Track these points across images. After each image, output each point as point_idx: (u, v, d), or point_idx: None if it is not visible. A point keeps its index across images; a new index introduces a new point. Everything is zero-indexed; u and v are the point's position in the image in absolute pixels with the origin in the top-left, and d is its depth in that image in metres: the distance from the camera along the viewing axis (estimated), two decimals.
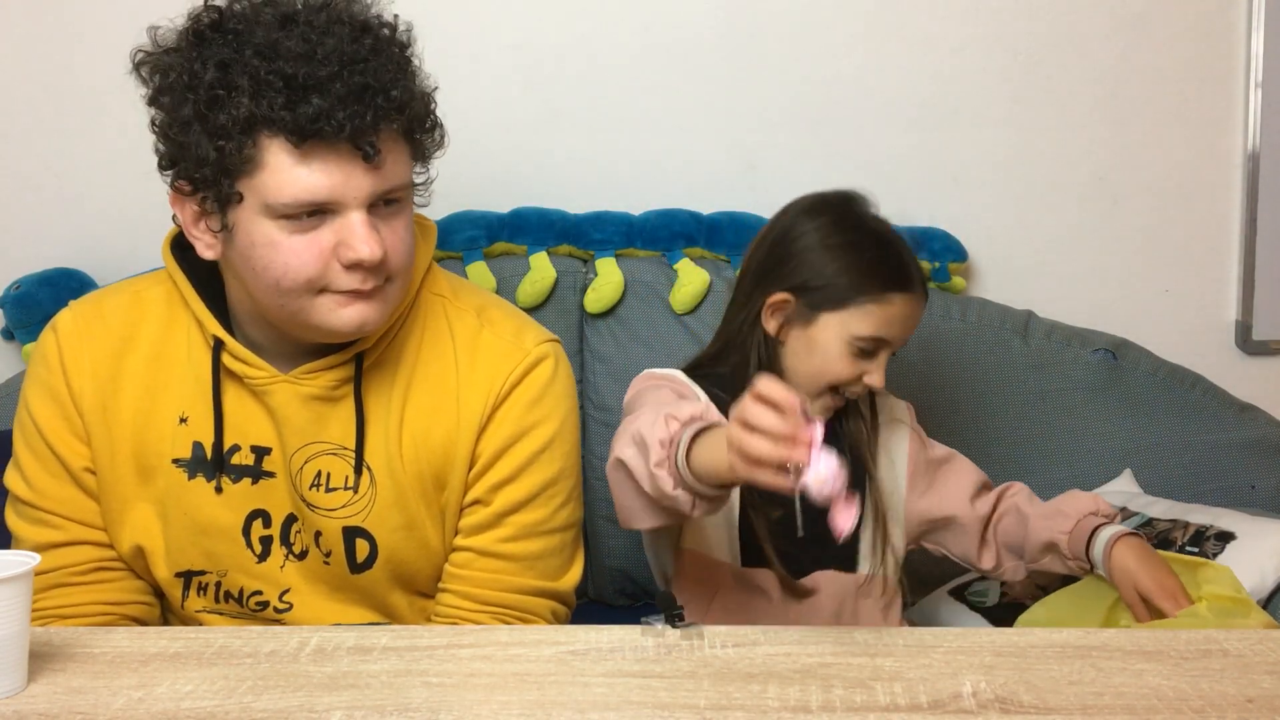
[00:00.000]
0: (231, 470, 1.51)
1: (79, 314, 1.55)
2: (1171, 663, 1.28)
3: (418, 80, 1.47)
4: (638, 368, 2.19)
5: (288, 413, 1.50)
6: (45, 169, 2.30)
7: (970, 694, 1.21)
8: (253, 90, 1.36)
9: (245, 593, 1.55)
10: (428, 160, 1.52)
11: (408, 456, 1.52)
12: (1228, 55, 2.32)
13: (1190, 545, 1.94)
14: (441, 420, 1.53)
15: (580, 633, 1.36)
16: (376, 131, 1.39)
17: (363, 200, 1.40)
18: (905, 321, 1.73)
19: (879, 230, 1.75)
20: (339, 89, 1.36)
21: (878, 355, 1.72)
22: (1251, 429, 2.19)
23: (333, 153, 1.38)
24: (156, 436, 1.52)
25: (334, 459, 1.51)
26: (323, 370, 1.50)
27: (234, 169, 1.38)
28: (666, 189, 2.30)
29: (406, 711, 1.18)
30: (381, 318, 1.46)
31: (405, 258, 1.47)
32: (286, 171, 1.38)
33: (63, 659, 1.29)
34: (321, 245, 1.40)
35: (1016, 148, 2.33)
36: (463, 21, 2.28)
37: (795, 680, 1.24)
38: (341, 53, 1.38)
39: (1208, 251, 2.37)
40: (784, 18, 2.30)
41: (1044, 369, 2.20)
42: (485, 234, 2.24)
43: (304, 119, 1.35)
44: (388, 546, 1.53)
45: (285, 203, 1.39)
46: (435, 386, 1.54)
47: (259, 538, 1.53)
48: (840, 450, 1.63)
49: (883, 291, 1.70)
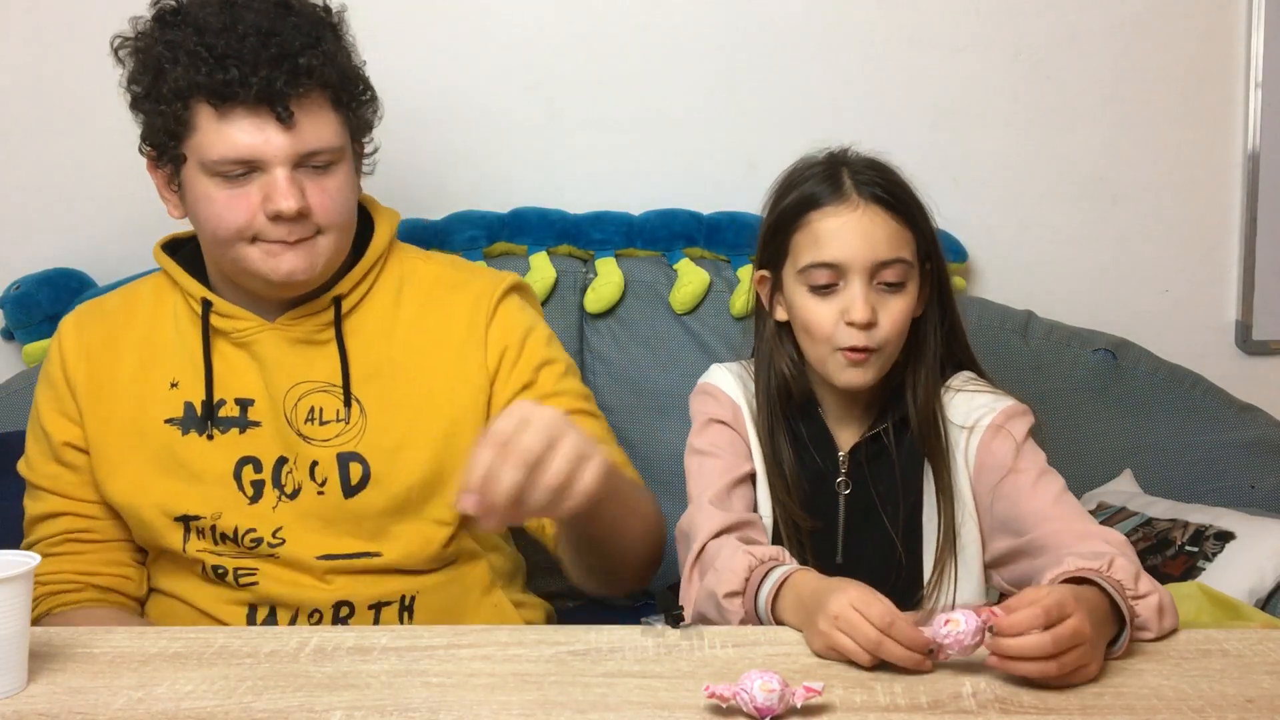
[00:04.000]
0: (220, 422, 1.67)
1: (81, 312, 1.78)
2: (1171, 663, 1.28)
3: (342, 54, 1.65)
4: (638, 368, 2.21)
5: (276, 356, 1.67)
6: (45, 169, 2.30)
7: (970, 694, 1.21)
8: (186, 62, 1.57)
9: (240, 531, 1.66)
10: (362, 130, 1.70)
11: (404, 393, 1.68)
12: (1228, 55, 2.31)
13: (1190, 545, 1.94)
14: (438, 362, 1.69)
15: (580, 633, 1.36)
16: (291, 96, 1.57)
17: (283, 159, 1.58)
18: (844, 235, 1.56)
19: (802, 169, 1.63)
20: (251, 57, 1.55)
21: (844, 286, 1.56)
22: (1251, 429, 2.19)
23: (251, 115, 1.57)
24: (150, 402, 1.69)
25: (324, 395, 1.67)
26: (305, 316, 1.68)
27: (178, 132, 1.59)
28: (666, 189, 2.30)
29: (406, 711, 1.18)
30: (313, 268, 1.63)
31: (335, 215, 1.63)
32: (214, 132, 1.58)
33: (63, 659, 1.29)
34: (250, 198, 1.59)
35: (1016, 148, 2.33)
36: (463, 21, 2.28)
37: (795, 680, 1.24)
38: (259, 26, 1.57)
39: (1208, 251, 2.37)
40: (784, 18, 2.29)
41: (1044, 369, 2.20)
42: (485, 234, 2.23)
43: (219, 84, 1.56)
44: (379, 468, 1.66)
45: (214, 159, 1.58)
46: (423, 328, 1.71)
47: (250, 481, 1.66)
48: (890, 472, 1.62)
49: (798, 216, 1.59)
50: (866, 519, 1.63)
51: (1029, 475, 1.57)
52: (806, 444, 1.65)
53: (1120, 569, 1.34)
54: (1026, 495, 1.55)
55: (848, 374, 1.59)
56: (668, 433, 2.11)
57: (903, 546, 1.62)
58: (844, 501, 1.64)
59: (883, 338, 1.57)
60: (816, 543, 1.62)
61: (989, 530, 1.60)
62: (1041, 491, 1.55)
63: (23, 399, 2.11)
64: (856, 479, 1.64)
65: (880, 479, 1.63)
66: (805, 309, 1.59)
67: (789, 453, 1.63)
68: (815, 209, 1.58)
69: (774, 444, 1.63)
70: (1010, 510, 1.56)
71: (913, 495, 1.63)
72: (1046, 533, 1.50)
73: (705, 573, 1.50)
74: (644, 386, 2.19)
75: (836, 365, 1.59)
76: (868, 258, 1.56)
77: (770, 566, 1.43)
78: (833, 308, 1.57)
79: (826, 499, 1.64)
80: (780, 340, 1.66)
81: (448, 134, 2.28)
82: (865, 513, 1.63)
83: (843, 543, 1.64)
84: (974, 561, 1.60)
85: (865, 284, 1.56)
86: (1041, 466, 1.58)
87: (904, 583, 1.60)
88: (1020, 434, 1.60)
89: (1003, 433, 1.60)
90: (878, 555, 1.62)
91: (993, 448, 1.59)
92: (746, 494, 1.62)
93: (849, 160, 1.62)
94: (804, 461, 1.64)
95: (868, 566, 1.59)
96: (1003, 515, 1.57)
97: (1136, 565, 1.38)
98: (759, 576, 1.42)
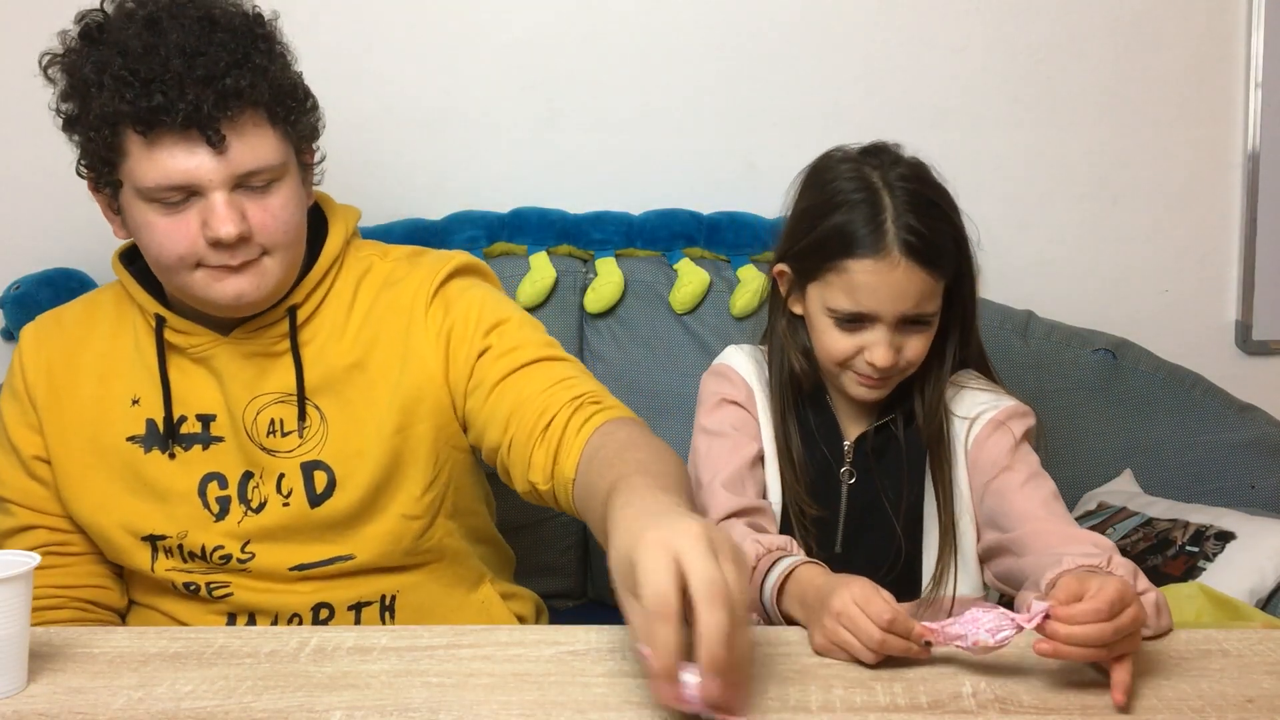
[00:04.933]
0: (182, 439, 1.63)
1: (39, 324, 1.73)
2: (1171, 663, 1.28)
3: (276, 66, 1.55)
4: (638, 368, 2.21)
5: (233, 370, 1.62)
6: (45, 169, 2.29)
7: (970, 694, 1.21)
8: (111, 87, 1.48)
9: (208, 549, 1.63)
10: (305, 141, 1.62)
11: (364, 391, 1.63)
12: (1228, 55, 2.31)
13: (1190, 545, 1.94)
14: (388, 335, 1.64)
15: (580, 633, 1.36)
16: (221, 119, 1.48)
17: (219, 183, 1.50)
18: (879, 291, 1.54)
19: (846, 187, 1.58)
20: (175, 81, 1.47)
21: (869, 328, 1.56)
22: (1251, 429, 2.19)
23: (181, 139, 1.49)
24: (111, 420, 1.64)
25: (283, 406, 1.63)
26: (260, 329, 1.62)
27: (110, 159, 1.52)
28: (666, 189, 2.30)
29: (406, 711, 1.18)
30: (260, 289, 1.56)
31: (280, 235, 1.56)
32: (145, 159, 1.50)
33: (63, 659, 1.29)
34: (189, 224, 1.52)
35: (1016, 148, 2.33)
36: (462, 21, 2.28)
37: (795, 680, 1.24)
38: (183, 46, 1.48)
39: (1208, 251, 2.37)
40: (784, 18, 2.29)
41: (1044, 369, 2.20)
42: (485, 234, 2.23)
43: (145, 111, 1.47)
44: (342, 471, 1.62)
45: (148, 187, 1.51)
46: (378, 322, 1.65)
47: (215, 498, 1.63)
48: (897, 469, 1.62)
49: (836, 259, 1.55)
50: (869, 509, 1.64)
51: (1020, 475, 1.58)
52: (814, 432, 1.66)
53: (1120, 566, 1.35)
54: (1015, 493, 1.56)
55: (860, 390, 1.61)
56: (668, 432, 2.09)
57: (904, 538, 1.62)
58: (848, 491, 1.65)
59: (902, 366, 1.60)
60: (819, 530, 1.62)
61: (979, 524, 1.61)
62: (1030, 492, 1.56)
63: None
64: (861, 469, 1.65)
65: (884, 470, 1.64)
66: (825, 333, 1.60)
67: (798, 439, 1.64)
68: (852, 256, 1.55)
69: (785, 430, 1.64)
70: (998, 506, 1.57)
71: (916, 488, 1.63)
72: (1031, 533, 1.51)
73: None
74: (644, 386, 2.19)
75: (849, 381, 1.61)
76: (898, 310, 1.56)
77: (777, 557, 1.43)
78: (854, 341, 1.58)
79: (830, 488, 1.65)
80: (794, 333, 1.66)
81: (448, 134, 2.28)
82: (868, 503, 1.64)
83: (843, 532, 1.65)
84: (972, 556, 1.62)
85: (890, 329, 1.57)
86: (1034, 468, 1.59)
87: (903, 574, 1.61)
88: (1018, 433, 1.61)
89: (1002, 429, 1.61)
90: (878, 546, 1.63)
91: (990, 443, 1.61)
92: (758, 476, 1.63)
93: (893, 186, 1.56)
94: (810, 450, 1.65)
95: (867, 556, 1.61)
96: (990, 510, 1.59)
97: (1131, 564, 1.39)
98: (765, 566, 1.42)
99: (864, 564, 1.42)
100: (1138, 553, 1.95)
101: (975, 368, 1.70)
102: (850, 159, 1.62)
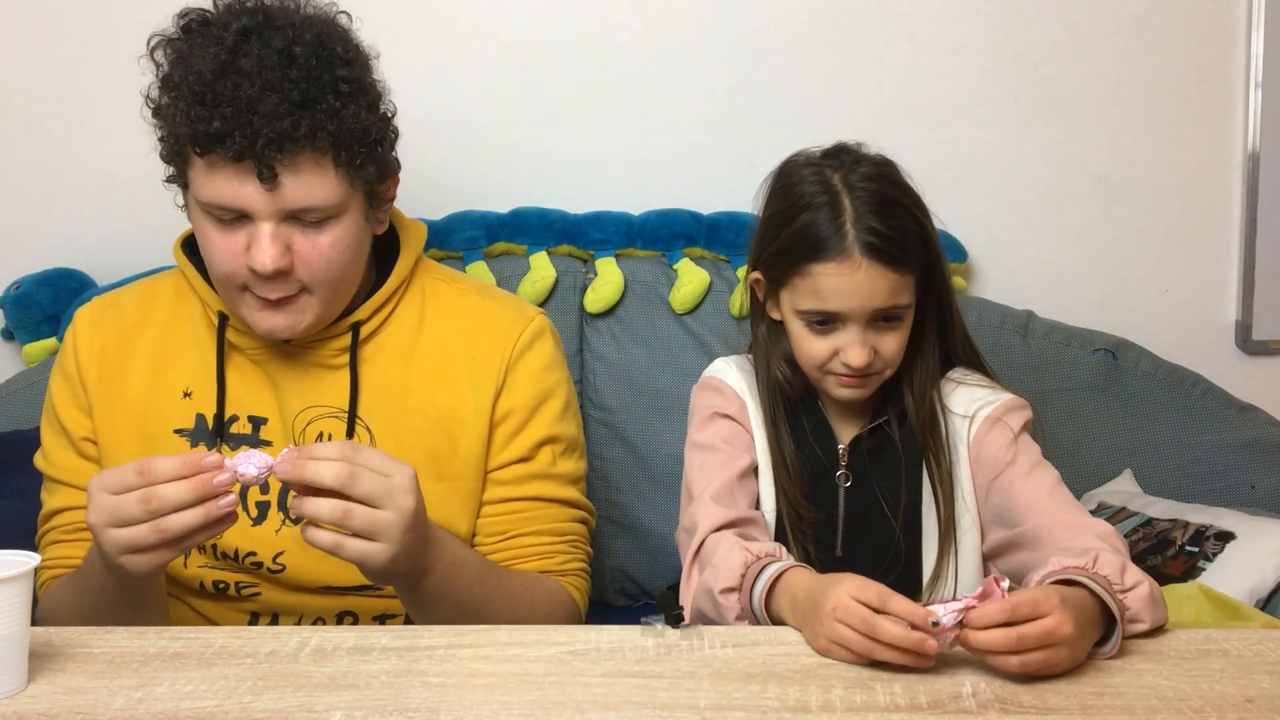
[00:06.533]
0: (230, 439, 1.62)
1: (96, 306, 1.71)
2: (1171, 663, 1.28)
3: (350, 110, 1.49)
4: (638, 368, 2.21)
5: (290, 378, 1.62)
6: (45, 169, 2.30)
7: (970, 694, 1.21)
8: (181, 102, 1.47)
9: (240, 553, 1.62)
10: (378, 179, 1.56)
11: (414, 417, 1.62)
12: (1228, 55, 2.32)
13: (1190, 545, 1.94)
14: (452, 385, 1.63)
15: (580, 633, 1.36)
16: (275, 158, 1.45)
17: (267, 215, 1.48)
18: (844, 292, 1.55)
19: (808, 190, 1.59)
20: (234, 113, 1.44)
21: (841, 329, 1.57)
22: (1251, 429, 2.19)
23: (235, 167, 1.46)
24: (160, 409, 1.63)
25: (335, 421, 1.62)
26: (321, 341, 1.61)
27: (179, 162, 1.52)
28: (666, 189, 2.30)
29: (406, 711, 1.18)
30: (295, 327, 1.55)
31: (323, 273, 1.53)
32: (202, 175, 1.49)
33: (63, 659, 1.29)
34: (237, 245, 1.51)
35: (1016, 148, 2.33)
36: (463, 22, 2.28)
37: (795, 680, 1.24)
38: (254, 76, 1.45)
39: (1208, 251, 2.37)
40: (784, 18, 2.29)
41: (1044, 369, 2.20)
42: (485, 234, 2.23)
43: (202, 135, 1.45)
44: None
45: (203, 201, 1.50)
46: (443, 355, 1.64)
47: (255, 502, 1.61)
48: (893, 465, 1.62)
49: (801, 263, 1.57)
50: (867, 512, 1.64)
51: (1023, 467, 1.58)
52: (807, 436, 1.65)
53: (1106, 564, 1.34)
54: (1020, 487, 1.57)
55: (842, 392, 1.62)
56: (668, 433, 2.11)
57: (903, 538, 1.62)
58: (844, 494, 1.64)
59: (880, 366, 1.60)
60: (818, 534, 1.63)
61: (985, 522, 1.61)
62: (1034, 483, 1.57)
63: (23, 399, 2.11)
64: (856, 472, 1.65)
65: (880, 472, 1.64)
66: (801, 339, 1.61)
67: (791, 444, 1.64)
68: (816, 260, 1.56)
69: (777, 435, 1.64)
70: (1004, 502, 1.58)
71: (913, 488, 1.63)
72: (1038, 525, 1.52)
73: (704, 568, 1.50)
74: (644, 386, 2.19)
75: (831, 384, 1.62)
76: (866, 308, 1.56)
77: (766, 563, 1.43)
78: (829, 344, 1.59)
79: (827, 491, 1.64)
80: (775, 340, 1.67)
81: (448, 134, 2.28)
82: (865, 505, 1.64)
83: (842, 535, 1.64)
84: (972, 553, 1.62)
85: (862, 328, 1.57)
86: (1036, 459, 1.60)
87: (904, 575, 1.61)
88: (1016, 426, 1.61)
89: (1000, 425, 1.61)
90: (877, 548, 1.63)
91: (989, 440, 1.61)
92: (750, 488, 1.63)
93: (853, 187, 1.57)
94: (804, 454, 1.65)
95: (868, 559, 1.60)
96: (997, 507, 1.59)
97: (1123, 557, 1.38)
98: (754, 573, 1.42)
99: (865, 566, 1.41)
100: (1138, 553, 1.95)
101: (967, 364, 1.70)
102: (812, 162, 1.63)
